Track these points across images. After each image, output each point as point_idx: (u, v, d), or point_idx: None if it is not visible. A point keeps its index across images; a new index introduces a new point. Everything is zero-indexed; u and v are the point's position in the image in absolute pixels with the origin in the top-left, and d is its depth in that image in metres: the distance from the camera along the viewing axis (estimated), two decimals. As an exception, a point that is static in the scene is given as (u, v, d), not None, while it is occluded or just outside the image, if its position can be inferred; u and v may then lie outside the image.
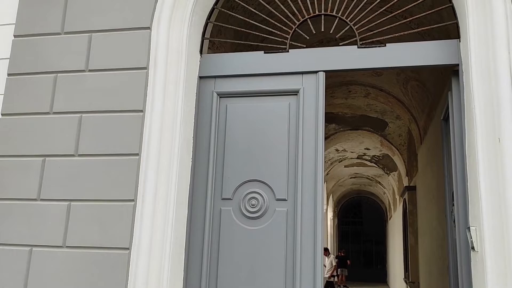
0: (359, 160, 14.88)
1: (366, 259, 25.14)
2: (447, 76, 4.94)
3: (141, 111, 2.75)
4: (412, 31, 2.99)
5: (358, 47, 2.93)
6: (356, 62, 2.92)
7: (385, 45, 2.89)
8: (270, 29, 3.06)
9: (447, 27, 4.31)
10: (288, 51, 3.03)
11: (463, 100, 2.65)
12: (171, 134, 2.77)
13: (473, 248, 2.41)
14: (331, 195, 20.38)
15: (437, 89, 5.93)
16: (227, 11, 3.26)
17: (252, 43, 3.26)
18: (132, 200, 2.63)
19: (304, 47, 3.03)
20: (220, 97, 3.08)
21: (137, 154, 2.69)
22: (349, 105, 9.55)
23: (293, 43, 3.05)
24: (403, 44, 2.88)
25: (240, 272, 2.80)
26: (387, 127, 10.61)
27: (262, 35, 3.20)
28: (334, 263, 14.68)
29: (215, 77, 3.11)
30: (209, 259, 2.85)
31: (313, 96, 2.95)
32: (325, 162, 15.10)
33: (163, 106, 2.79)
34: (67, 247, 2.64)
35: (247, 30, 3.21)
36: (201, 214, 2.92)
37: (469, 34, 2.54)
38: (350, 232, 25.80)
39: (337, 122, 10.81)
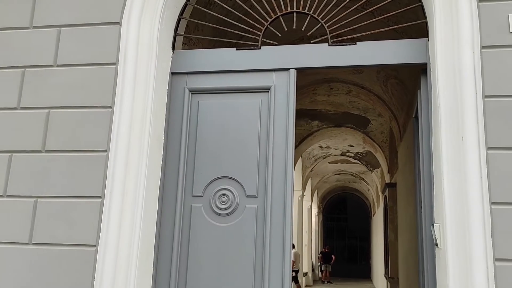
0: (343, 157, 14.98)
1: (350, 255, 25.37)
2: (423, 74, 4.98)
3: (110, 107, 2.72)
4: (383, 29, 3.02)
5: (329, 45, 2.95)
6: (327, 60, 2.94)
7: (355, 43, 2.91)
8: (244, 27, 3.06)
9: (423, 25, 4.35)
10: (260, 48, 3.03)
11: (430, 98, 2.68)
12: (141, 130, 2.75)
13: (436, 244, 2.45)
14: (316, 191, 20.48)
15: (414, 87, 5.99)
16: (201, 8, 3.25)
17: (230, 40, 3.25)
18: (100, 197, 2.61)
19: (276, 44, 3.03)
20: (192, 93, 3.07)
21: (105, 151, 2.67)
22: (331, 102, 9.59)
23: (265, 40, 3.06)
24: (374, 43, 2.89)
25: (210, 269, 2.80)
26: (369, 124, 10.69)
27: (237, 32, 3.19)
28: (293, 258, 14.76)
29: (187, 73, 3.09)
30: (179, 256, 2.85)
31: (285, 93, 2.96)
32: (309, 158, 15.19)
33: (133, 102, 2.77)
34: (33, 243, 2.61)
35: (223, 28, 3.21)
36: (171, 210, 2.91)
37: (435, 34, 2.57)
38: (335, 228, 26.00)
39: (320, 119, 10.85)
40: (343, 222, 26.02)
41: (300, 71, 3.01)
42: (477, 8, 2.46)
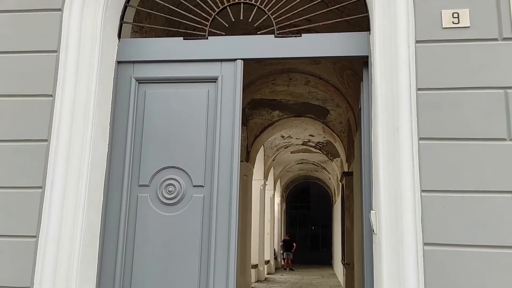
0: (304, 147, 15.19)
1: (312, 242, 25.84)
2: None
3: (51, 95, 2.67)
4: (329, 21, 3.08)
5: (275, 37, 2.99)
6: (273, 51, 2.97)
7: (300, 35, 2.96)
8: (193, 17, 3.05)
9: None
10: (207, 38, 3.03)
11: (371, 91, 2.78)
12: (84, 119, 2.72)
13: (373, 230, 2.56)
14: (279, 180, 20.69)
15: (368, 79, 6.14)
16: (148, -5, 3.21)
17: (185, 31, 3.22)
18: (40, 187, 2.57)
19: (223, 35, 3.04)
20: (138, 82, 3.05)
21: (46, 140, 2.62)
22: (291, 92, 9.69)
23: (213, 30, 3.06)
24: (318, 35, 2.96)
25: (157, 258, 2.81)
26: (328, 115, 10.88)
27: (187, 22, 3.17)
28: None
29: (133, 62, 3.07)
30: (124, 246, 2.84)
31: (231, 83, 2.98)
32: (271, 148, 15.32)
33: (75, 90, 2.72)
34: (-29, 235, 2.54)
35: (172, 17, 3.18)
36: (117, 200, 2.90)
37: (374, 27, 2.65)
38: (298, 217, 26.38)
39: (280, 109, 10.95)
40: (306, 211, 26.44)
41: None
42: (413, 4, 2.56)
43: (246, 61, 3.02)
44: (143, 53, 3.06)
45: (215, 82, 3.00)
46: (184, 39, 3.05)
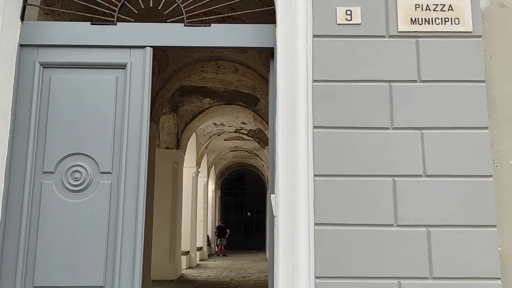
0: (237, 134, 15.35)
1: (247, 228, 26.28)
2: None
3: None
4: (237, 13, 3.17)
5: (184, 25, 3.03)
6: (182, 40, 3.02)
7: (210, 25, 3.03)
8: (102, 2, 3.01)
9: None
10: (115, 24, 3.02)
11: (275, 81, 2.91)
12: (-20, 104, 2.62)
13: (274, 213, 2.72)
14: (213, 167, 20.77)
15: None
16: (54, -23, 3.12)
17: (100, 17, 3.14)
18: None
19: (132, 21, 3.04)
20: (43, 67, 2.97)
21: None
22: (220, 80, 9.75)
23: (122, 16, 3.04)
24: (227, 26, 3.04)
25: (62, 245, 2.79)
26: (258, 103, 11.08)
27: (95, 7, 3.12)
28: None
29: (37, 46, 2.98)
30: (27, 234, 2.79)
31: (140, 70, 3.00)
32: (204, 135, 15.32)
33: (-30, 74, 2.61)
34: None
35: (81, 2, 3.11)
36: (20, 188, 2.83)
37: (277, 20, 2.78)
38: (232, 203, 26.65)
39: (211, 96, 10.99)
40: (241, 197, 26.78)
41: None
42: (311, 0, 2.71)
43: (156, 48, 3.05)
44: (48, 37, 2.98)
45: (124, 68, 3.00)
46: (91, 24, 3.01)
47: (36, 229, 2.80)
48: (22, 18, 2.97)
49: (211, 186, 21.12)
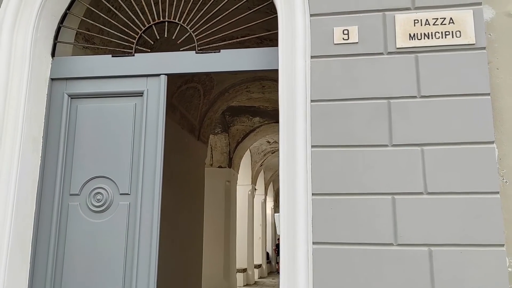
0: (291, 151, 15.32)
1: (308, 246, 25.91)
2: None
3: (-20, 112, 2.89)
4: (246, 37, 3.29)
5: (196, 52, 3.20)
6: (194, 66, 3.19)
7: (219, 51, 3.18)
8: (121, 35, 3.27)
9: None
10: (134, 55, 3.25)
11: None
12: (13, 133, 2.94)
13: (278, 232, 2.75)
14: (271, 184, 20.86)
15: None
16: (79, 16, 3.44)
17: (123, 50, 3.41)
18: (-31, 198, 2.78)
19: (148, 52, 3.26)
20: (71, 98, 3.27)
21: (-25, 154, 2.84)
22: (267, 99, 9.89)
23: (140, 47, 3.28)
24: (235, 51, 3.17)
25: (85, 261, 3.02)
26: (307, 120, 11.05)
27: (116, 41, 3.39)
28: None
29: (66, 79, 3.29)
30: (55, 251, 3.05)
31: (156, 97, 3.20)
32: (258, 153, 15.52)
33: (4, 107, 2.94)
34: None
35: (100, 36, 3.39)
36: (49, 209, 3.11)
37: (279, 43, 2.86)
38: (293, 221, 26.47)
39: (260, 115, 11.16)
40: (302, 215, 26.55)
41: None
42: (309, 21, 2.76)
43: (170, 76, 3.24)
44: (75, 70, 3.28)
45: (142, 96, 3.21)
46: (112, 56, 3.27)
47: (63, 248, 3.05)
48: (52, 55, 3.30)
49: (270, 204, 21.18)
